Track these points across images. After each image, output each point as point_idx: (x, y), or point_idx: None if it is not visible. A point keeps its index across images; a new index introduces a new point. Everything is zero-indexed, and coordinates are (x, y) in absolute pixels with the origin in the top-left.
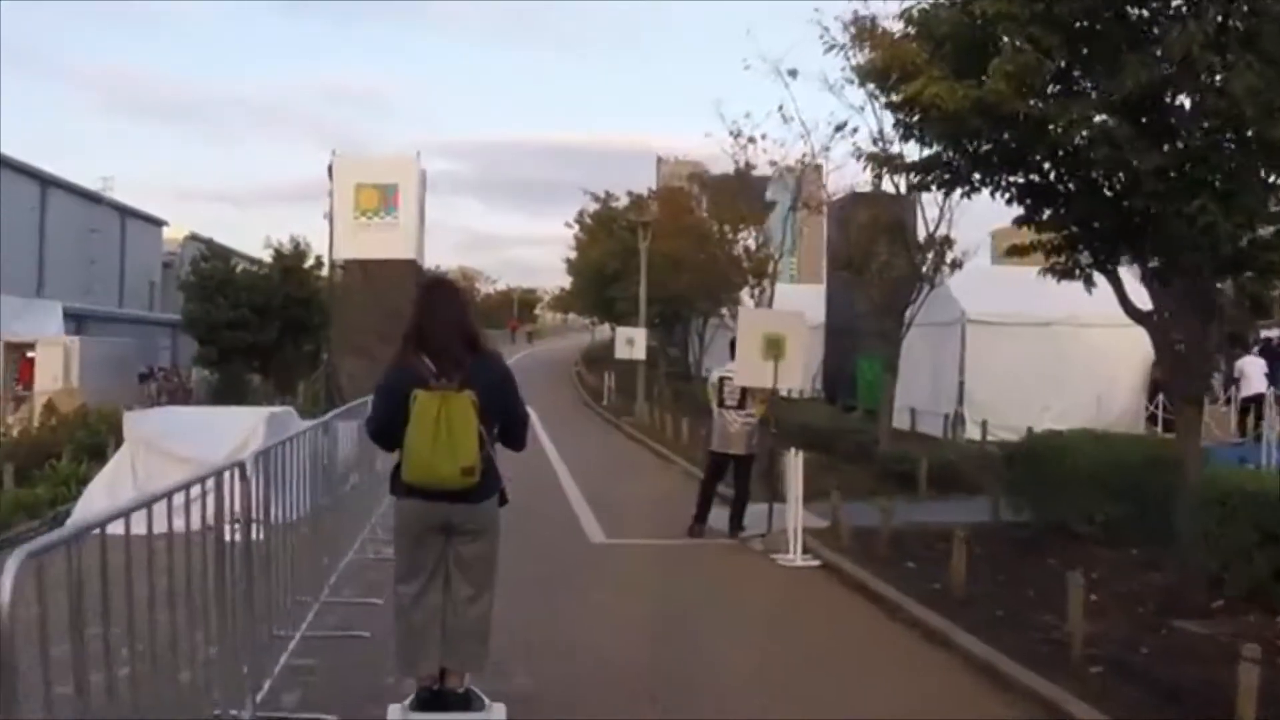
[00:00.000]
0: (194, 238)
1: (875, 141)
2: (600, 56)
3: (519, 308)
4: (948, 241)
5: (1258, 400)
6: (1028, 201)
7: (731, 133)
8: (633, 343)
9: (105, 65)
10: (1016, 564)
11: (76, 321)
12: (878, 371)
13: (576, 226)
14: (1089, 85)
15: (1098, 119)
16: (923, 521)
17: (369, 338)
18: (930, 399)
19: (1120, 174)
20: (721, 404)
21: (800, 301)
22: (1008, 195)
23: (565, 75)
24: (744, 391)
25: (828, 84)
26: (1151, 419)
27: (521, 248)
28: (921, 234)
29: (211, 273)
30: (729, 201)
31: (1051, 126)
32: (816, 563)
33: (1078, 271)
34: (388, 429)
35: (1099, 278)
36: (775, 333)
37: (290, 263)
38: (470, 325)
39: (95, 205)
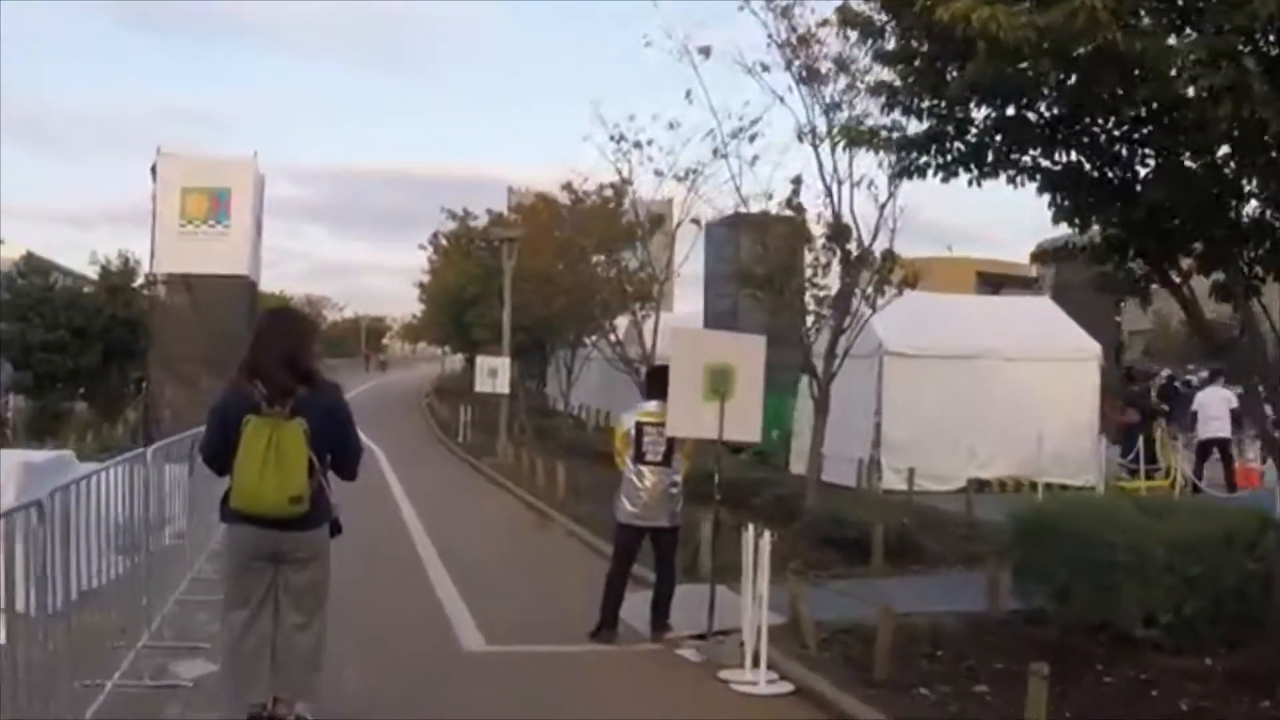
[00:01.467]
0: (30, 257)
1: (804, 134)
2: (453, 85)
3: (367, 336)
4: (891, 257)
5: (1220, 444)
6: (1062, 190)
7: (613, 137)
8: (495, 374)
9: None
10: (1070, 683)
11: None
12: (784, 409)
13: (430, 249)
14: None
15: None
16: (903, 612)
17: (193, 365)
18: (839, 442)
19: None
20: (640, 459)
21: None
22: (1034, 179)
23: (417, 103)
24: (670, 443)
25: (745, 67)
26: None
27: (370, 276)
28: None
29: (27, 290)
30: (604, 216)
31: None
32: (787, 687)
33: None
34: (219, 453)
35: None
36: (721, 363)
37: (117, 281)
38: (303, 355)
39: None
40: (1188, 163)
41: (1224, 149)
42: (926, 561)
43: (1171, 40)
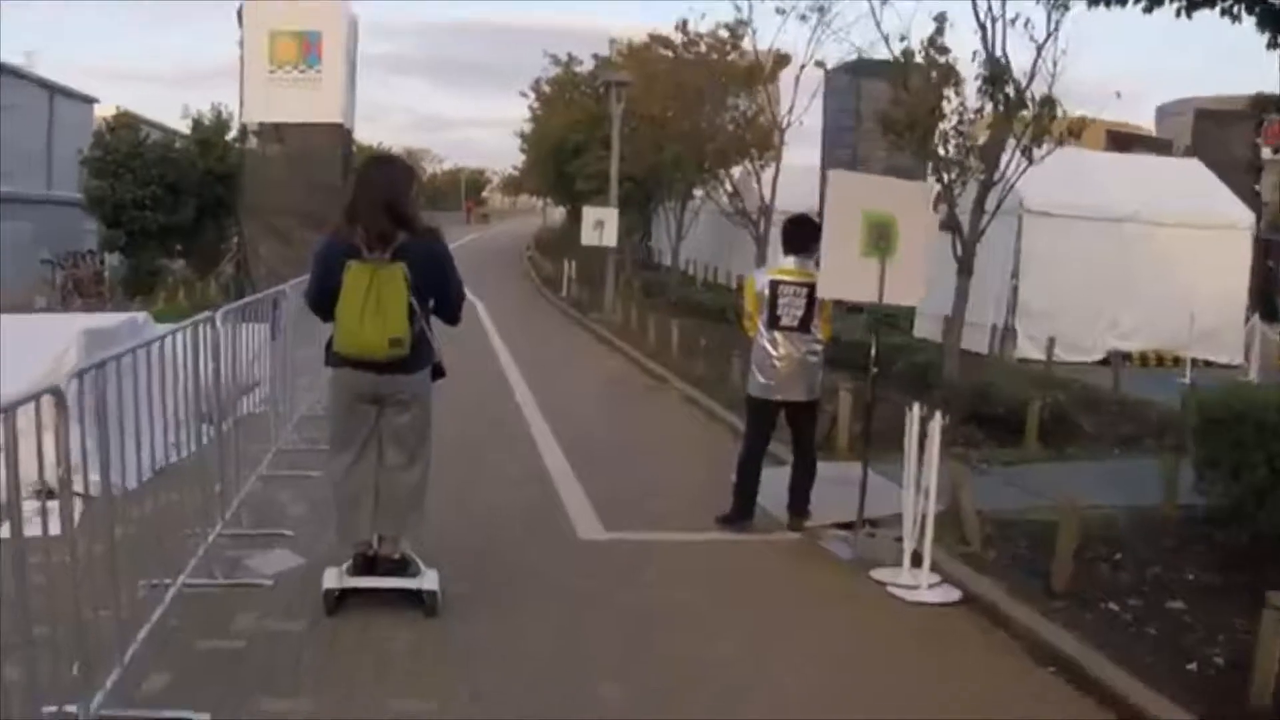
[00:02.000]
0: (120, 114)
1: None
2: None
3: (467, 189)
4: (1051, 104)
5: None
6: None
7: None
8: (602, 226)
9: None
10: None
11: None
12: None
13: (533, 95)
14: None
15: None
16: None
17: (287, 218)
18: (971, 306)
19: None
20: (774, 323)
21: (810, 184)
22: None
23: None
24: (809, 306)
25: None
26: None
27: (469, 129)
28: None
29: (116, 146)
30: (720, 58)
31: None
32: (954, 594)
33: None
34: (321, 298)
35: None
36: (882, 213)
37: (210, 135)
38: (404, 201)
39: (17, 80)
40: None
41: None
42: (1081, 443)
43: None
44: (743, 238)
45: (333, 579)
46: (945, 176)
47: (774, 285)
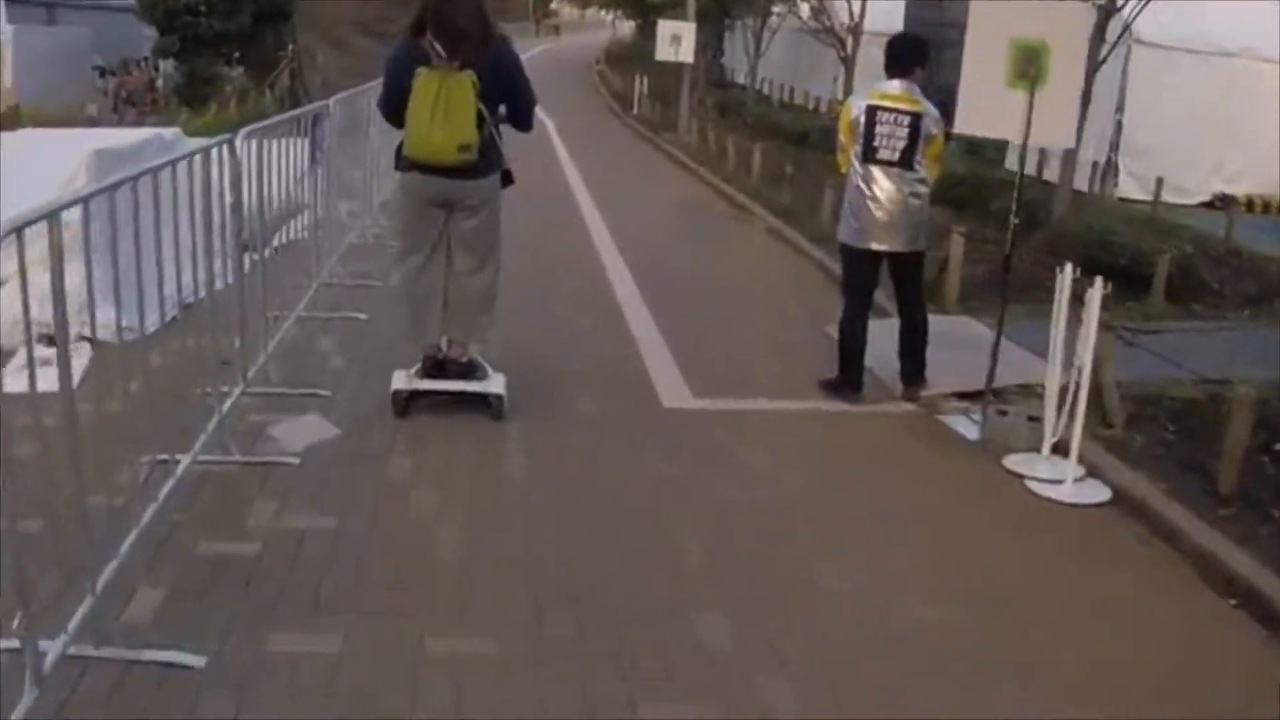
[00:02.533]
0: None
1: None
2: None
3: (534, 1)
4: None
5: None
6: None
7: None
8: (679, 40)
9: None
10: None
11: (47, 9)
12: None
13: None
14: None
15: None
16: (1212, 377)
17: (344, 27)
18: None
19: None
20: (869, 156)
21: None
22: None
23: None
24: (913, 137)
25: None
26: None
27: None
28: None
29: None
30: None
31: None
32: (1103, 492)
33: None
34: (392, 104)
35: None
36: (1032, 38)
37: None
38: (471, 10)
39: None
40: None
41: None
42: (1207, 301)
43: None
44: (822, 57)
45: (401, 380)
46: None
47: (871, 112)
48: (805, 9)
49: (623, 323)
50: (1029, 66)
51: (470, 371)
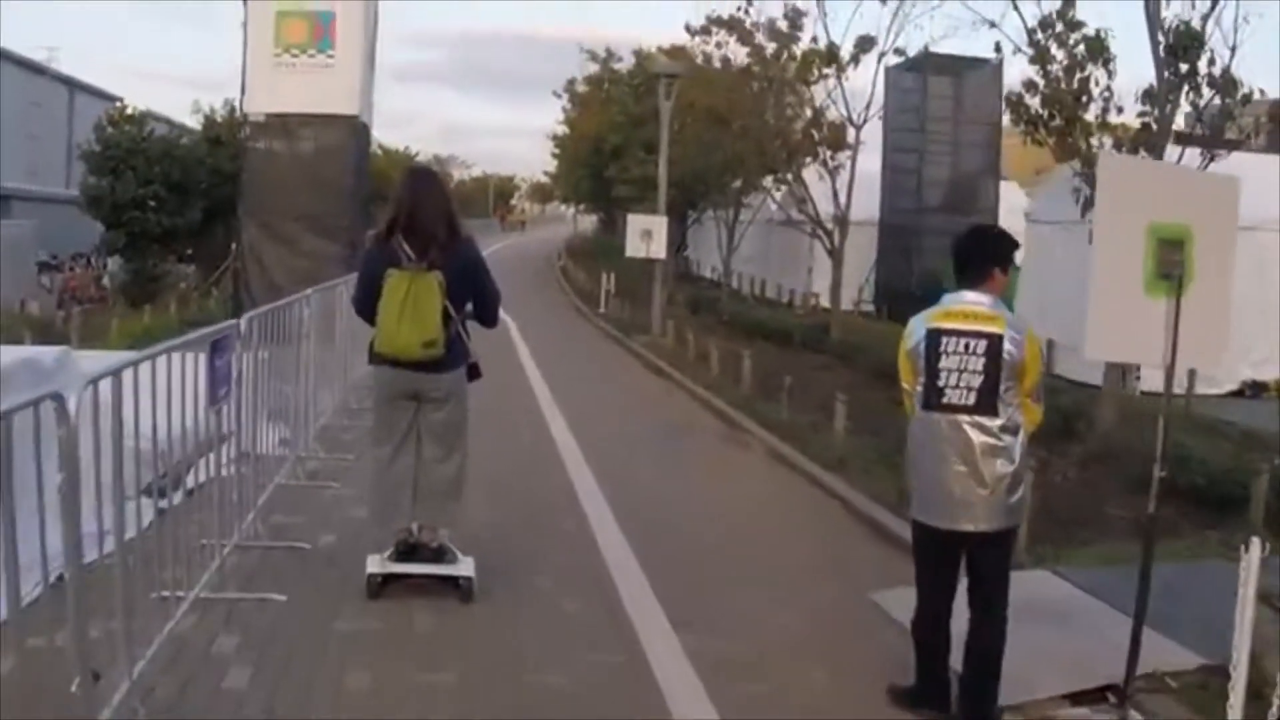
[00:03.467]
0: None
1: None
2: None
3: (495, 196)
4: (1233, 85)
5: None
6: None
7: None
8: (650, 235)
9: None
10: None
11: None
12: (1011, 282)
13: (565, 96)
14: None
15: None
16: None
17: (294, 223)
18: (1079, 328)
19: None
20: (936, 403)
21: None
22: None
23: None
24: (994, 372)
25: None
26: None
27: (497, 139)
28: None
29: (117, 140)
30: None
31: None
32: None
33: None
34: (366, 304)
35: None
36: (1175, 224)
37: (221, 132)
38: (441, 214)
39: (38, 77)
40: None
41: None
42: None
43: None
44: (794, 249)
45: (375, 565)
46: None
47: (934, 338)
48: (780, 199)
49: (618, 611)
50: (1172, 264)
51: (441, 555)
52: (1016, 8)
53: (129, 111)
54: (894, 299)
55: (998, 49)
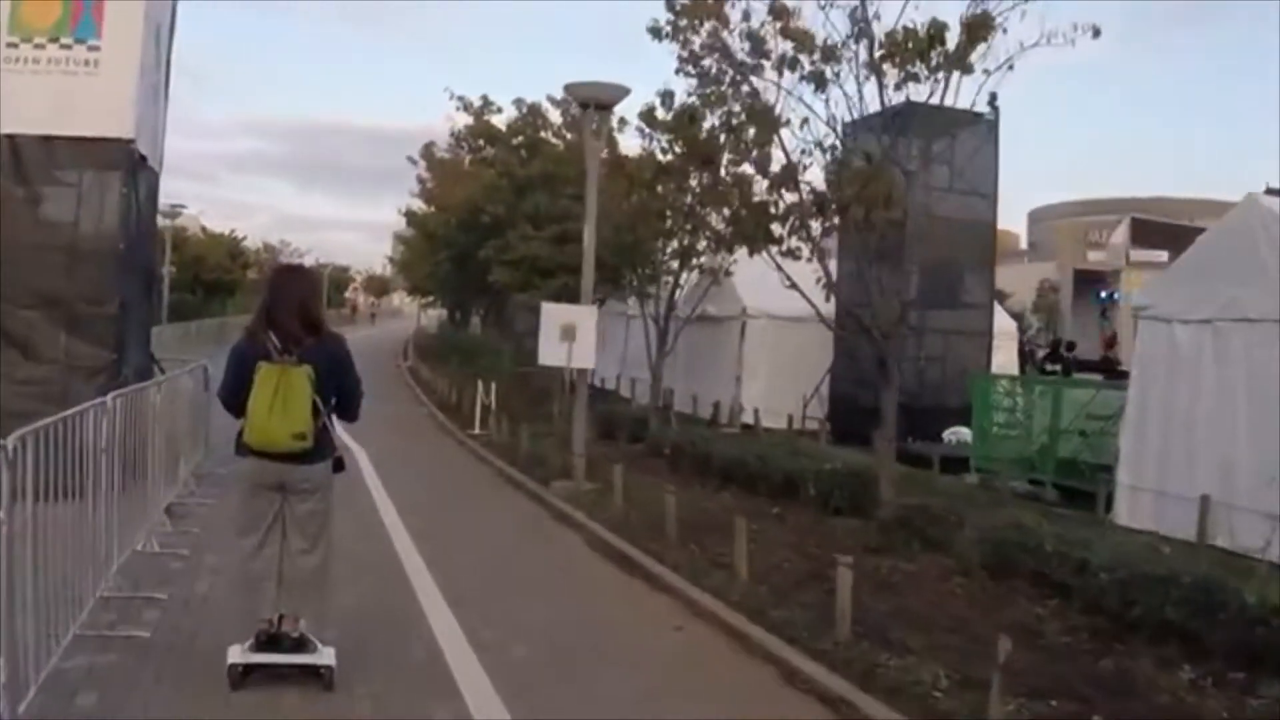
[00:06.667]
0: None
1: None
2: (433, 46)
3: (330, 286)
4: None
5: None
6: None
7: None
8: (573, 333)
9: None
10: None
11: None
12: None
13: (422, 162)
14: None
15: None
16: None
17: (24, 314)
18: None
19: None
20: None
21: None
22: None
23: (395, 60)
24: None
25: None
26: None
27: (334, 230)
28: None
29: None
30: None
31: None
32: None
33: None
34: (233, 398)
35: None
36: None
37: None
38: (313, 309)
39: None
40: None
41: None
42: None
43: None
44: (717, 349)
45: (237, 654)
46: None
47: None
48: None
49: None
50: None
51: (302, 645)
52: None
53: None
54: (849, 415)
55: (992, 100)
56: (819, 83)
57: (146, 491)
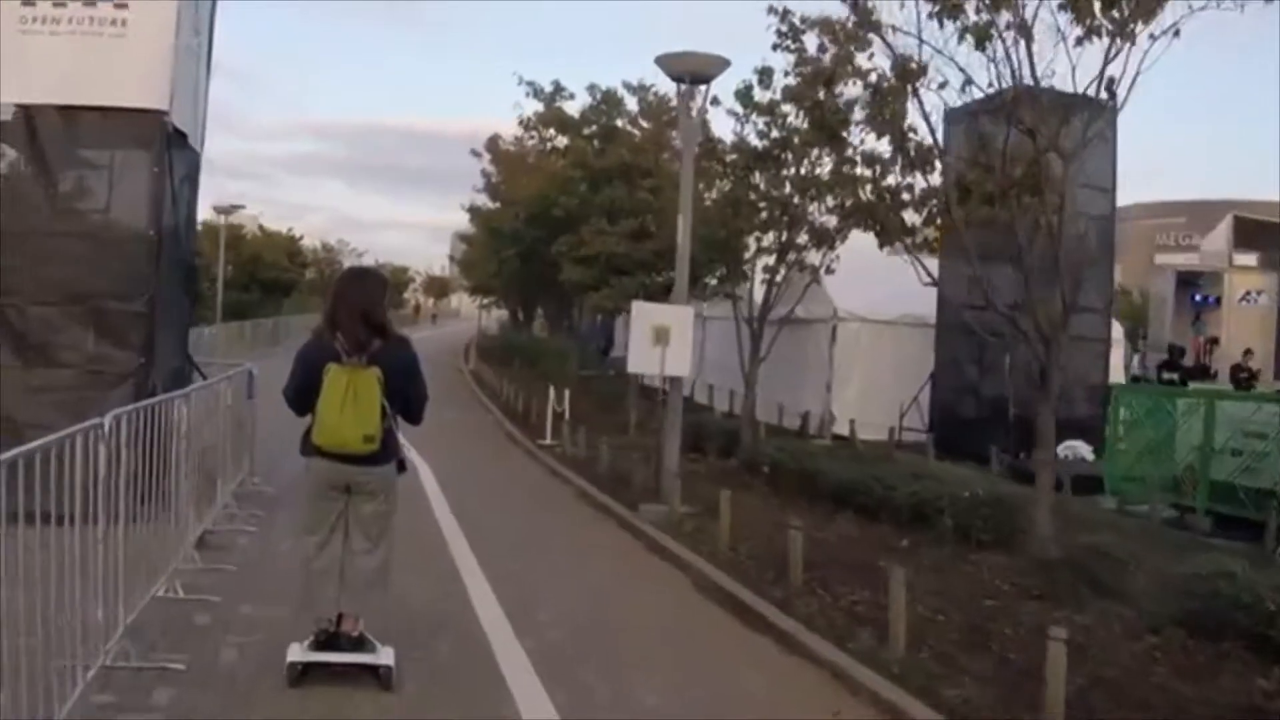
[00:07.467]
0: None
1: None
2: (487, 46)
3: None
4: None
5: None
6: None
7: None
8: (666, 337)
9: None
10: None
11: None
12: None
13: (488, 156)
14: None
15: None
16: None
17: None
18: None
19: None
20: None
21: None
22: None
23: (447, 61)
24: None
25: None
26: None
27: (390, 232)
28: None
29: None
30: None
31: None
32: None
33: None
34: (300, 396)
35: None
36: None
37: None
38: (379, 312)
39: None
40: None
41: None
42: None
43: None
44: (805, 355)
45: (296, 653)
46: None
47: None
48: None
49: None
50: None
51: (361, 644)
52: None
53: None
54: (954, 427)
55: (1110, 86)
56: (981, 38)
57: (171, 524)
